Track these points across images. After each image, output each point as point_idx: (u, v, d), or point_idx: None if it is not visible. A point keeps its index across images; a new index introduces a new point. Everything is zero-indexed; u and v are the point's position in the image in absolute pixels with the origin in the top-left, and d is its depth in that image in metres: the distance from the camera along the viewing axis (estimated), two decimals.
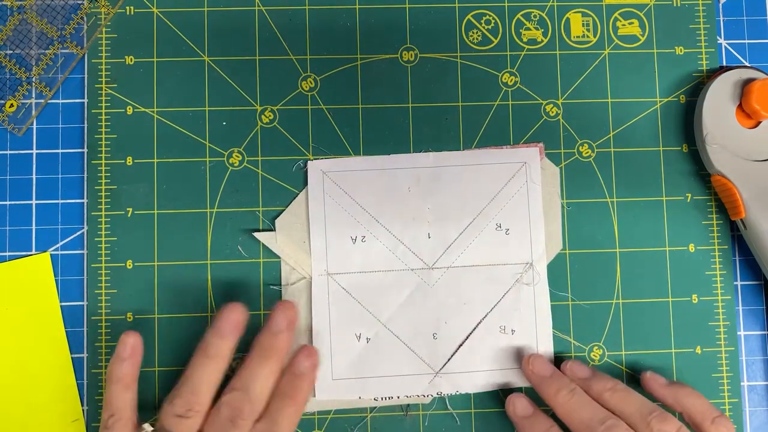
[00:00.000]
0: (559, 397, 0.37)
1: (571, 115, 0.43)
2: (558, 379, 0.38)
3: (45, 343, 0.40)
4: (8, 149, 0.41)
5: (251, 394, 0.36)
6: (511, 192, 0.42)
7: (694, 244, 0.42)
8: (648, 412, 0.36)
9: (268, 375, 0.37)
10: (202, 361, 0.37)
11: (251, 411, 0.36)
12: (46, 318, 0.40)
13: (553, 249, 0.42)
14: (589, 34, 0.43)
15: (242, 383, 0.37)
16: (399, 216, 0.41)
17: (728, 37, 0.44)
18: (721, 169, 0.41)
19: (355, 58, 0.42)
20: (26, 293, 0.40)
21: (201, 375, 0.36)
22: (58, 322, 0.40)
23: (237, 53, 0.42)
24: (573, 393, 0.37)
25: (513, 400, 0.39)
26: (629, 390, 0.38)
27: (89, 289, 0.40)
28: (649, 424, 0.36)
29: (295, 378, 0.38)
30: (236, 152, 0.41)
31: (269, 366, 0.37)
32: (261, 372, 0.37)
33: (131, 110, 0.41)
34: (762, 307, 0.43)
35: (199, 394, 0.36)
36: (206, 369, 0.37)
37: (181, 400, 0.36)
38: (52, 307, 0.40)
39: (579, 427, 0.36)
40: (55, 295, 0.40)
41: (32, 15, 0.42)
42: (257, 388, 0.36)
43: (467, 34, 0.43)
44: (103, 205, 0.41)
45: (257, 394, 0.36)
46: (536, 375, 0.39)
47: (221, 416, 0.36)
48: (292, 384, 0.37)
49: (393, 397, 0.40)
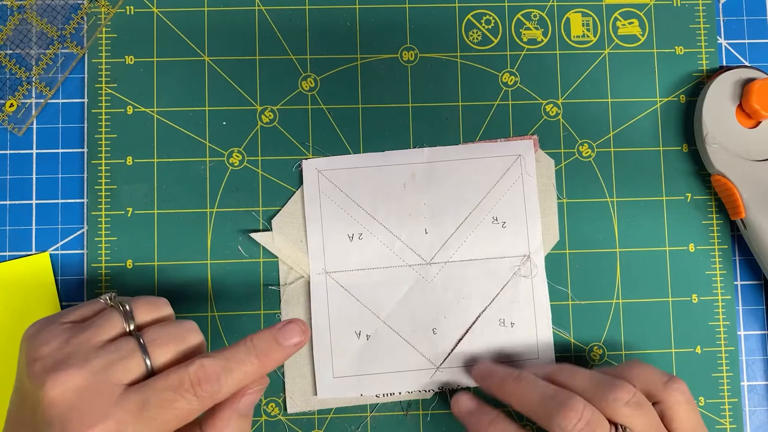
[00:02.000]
0: (507, 388, 0.37)
1: (571, 115, 0.43)
2: (501, 371, 0.38)
3: None
4: (8, 149, 0.41)
5: (220, 383, 0.31)
6: (507, 185, 0.42)
7: (694, 244, 0.42)
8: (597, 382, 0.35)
9: (243, 377, 0.32)
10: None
11: (209, 395, 0.31)
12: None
13: (551, 241, 0.42)
14: (589, 34, 0.43)
15: (215, 367, 0.31)
16: (395, 212, 0.41)
17: (728, 37, 0.44)
18: (721, 169, 0.41)
19: (355, 58, 0.42)
20: (26, 293, 0.40)
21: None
22: None
23: (237, 53, 0.42)
24: (518, 379, 0.36)
25: (456, 398, 0.39)
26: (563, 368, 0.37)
27: (89, 289, 0.40)
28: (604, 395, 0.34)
29: (276, 343, 0.33)
30: (236, 152, 0.41)
31: (251, 368, 0.32)
32: (241, 368, 0.32)
33: (131, 110, 0.41)
34: (762, 307, 0.43)
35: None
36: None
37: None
38: (52, 307, 0.40)
39: (534, 410, 0.35)
40: (55, 295, 0.40)
41: (32, 15, 0.42)
42: (228, 381, 0.31)
43: (467, 33, 0.43)
44: (103, 205, 0.41)
45: (224, 386, 0.31)
46: (482, 379, 0.39)
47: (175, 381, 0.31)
48: (268, 345, 0.33)
49: (394, 394, 0.40)
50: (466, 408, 0.38)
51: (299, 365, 0.40)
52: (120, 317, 0.33)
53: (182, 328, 0.33)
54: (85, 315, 0.34)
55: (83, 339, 0.32)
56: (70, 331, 0.32)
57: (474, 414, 0.38)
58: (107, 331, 0.33)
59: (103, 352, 0.32)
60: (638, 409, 0.34)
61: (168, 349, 0.32)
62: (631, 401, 0.34)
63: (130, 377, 0.31)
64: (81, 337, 0.32)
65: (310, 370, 0.40)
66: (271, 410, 0.40)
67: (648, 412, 0.34)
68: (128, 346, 0.32)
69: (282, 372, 0.40)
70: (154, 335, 0.33)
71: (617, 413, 0.34)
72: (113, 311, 0.33)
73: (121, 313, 0.33)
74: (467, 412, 0.38)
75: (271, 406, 0.40)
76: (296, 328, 0.34)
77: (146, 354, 0.32)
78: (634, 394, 0.34)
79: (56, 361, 0.31)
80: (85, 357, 0.31)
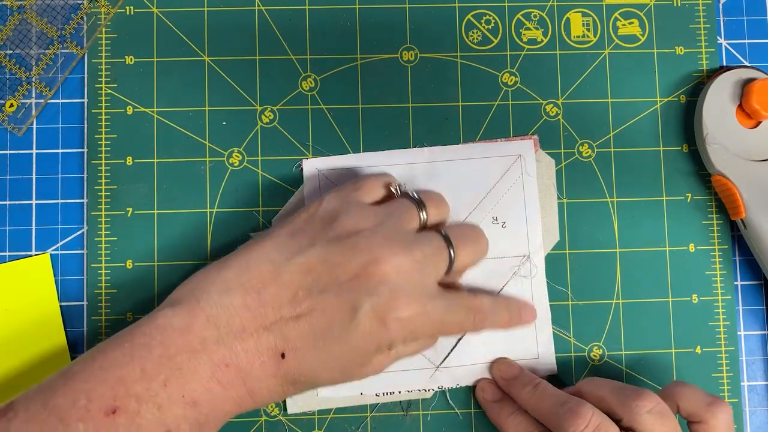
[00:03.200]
0: (524, 393, 0.38)
1: (571, 115, 0.43)
2: (523, 376, 0.39)
3: (45, 344, 0.40)
4: (8, 149, 0.41)
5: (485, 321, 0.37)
6: (507, 185, 0.42)
7: (694, 244, 0.42)
8: (621, 389, 0.36)
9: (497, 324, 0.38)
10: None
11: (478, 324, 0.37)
12: (46, 319, 0.40)
13: (551, 241, 0.42)
14: (589, 34, 0.43)
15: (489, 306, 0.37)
16: None
17: (728, 37, 0.44)
18: (721, 169, 0.41)
19: (355, 58, 0.42)
20: (26, 294, 0.40)
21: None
22: (58, 323, 0.40)
23: (237, 53, 0.42)
24: (537, 387, 0.38)
25: (483, 385, 0.40)
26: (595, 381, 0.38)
27: (89, 289, 0.40)
28: (626, 401, 0.35)
29: (518, 313, 0.39)
30: (236, 152, 0.41)
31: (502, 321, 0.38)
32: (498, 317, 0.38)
33: (131, 110, 0.41)
34: (762, 307, 0.43)
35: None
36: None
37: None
38: (52, 308, 0.40)
39: (547, 416, 0.36)
40: (55, 296, 0.40)
41: (32, 15, 0.42)
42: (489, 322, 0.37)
43: (467, 34, 0.43)
44: (103, 205, 0.41)
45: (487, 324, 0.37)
46: (503, 378, 0.40)
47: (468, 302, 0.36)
48: (516, 311, 0.39)
49: (394, 393, 0.40)
50: (491, 396, 0.40)
51: None
52: (416, 211, 0.36)
53: (476, 231, 0.38)
54: (375, 198, 0.37)
55: (395, 225, 0.35)
56: (377, 216, 0.35)
57: (498, 403, 0.39)
58: (410, 223, 0.36)
59: (417, 243, 0.35)
60: (660, 418, 0.34)
61: (467, 251, 0.37)
62: (654, 410, 0.34)
63: (440, 272, 0.35)
64: (392, 223, 0.35)
65: None
66: (271, 410, 0.40)
67: (669, 423, 0.34)
68: (438, 242, 0.35)
69: None
70: (457, 235, 0.36)
71: (638, 421, 0.34)
72: (408, 202, 0.36)
73: (416, 206, 0.36)
74: (492, 400, 0.39)
75: (271, 407, 0.40)
76: (533, 311, 0.40)
77: (452, 251, 0.36)
78: (658, 403, 0.34)
79: (382, 239, 0.34)
80: (404, 244, 0.34)
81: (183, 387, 0.31)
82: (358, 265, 0.33)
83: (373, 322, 0.33)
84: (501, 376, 0.40)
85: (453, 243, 0.36)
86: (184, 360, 0.32)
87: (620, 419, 0.35)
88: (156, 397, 0.31)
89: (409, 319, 0.33)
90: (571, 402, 0.35)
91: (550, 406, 0.36)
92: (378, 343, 0.33)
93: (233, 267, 0.34)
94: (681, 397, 0.36)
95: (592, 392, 0.37)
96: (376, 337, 0.33)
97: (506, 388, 0.39)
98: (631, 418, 0.34)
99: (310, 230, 0.35)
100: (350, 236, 0.34)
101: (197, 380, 0.32)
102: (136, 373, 0.31)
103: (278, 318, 0.33)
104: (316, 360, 0.33)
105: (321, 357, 0.33)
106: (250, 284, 0.33)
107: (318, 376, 0.34)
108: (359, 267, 0.33)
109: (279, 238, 0.35)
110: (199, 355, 0.32)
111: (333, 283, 0.33)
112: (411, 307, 0.33)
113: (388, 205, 0.36)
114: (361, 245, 0.34)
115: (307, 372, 0.33)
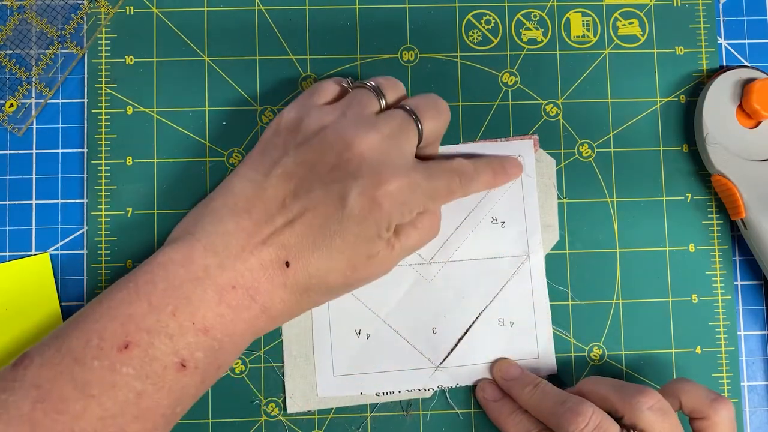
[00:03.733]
0: (525, 393, 0.38)
1: (571, 115, 0.43)
2: (524, 376, 0.39)
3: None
4: (8, 149, 0.41)
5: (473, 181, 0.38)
6: (506, 185, 0.42)
7: (694, 244, 0.42)
8: (621, 387, 0.36)
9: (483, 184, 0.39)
10: None
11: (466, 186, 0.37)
12: (45, 319, 0.40)
13: (551, 240, 0.42)
14: (589, 34, 0.43)
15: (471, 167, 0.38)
16: None
17: (728, 37, 0.44)
18: (721, 169, 0.41)
19: (355, 58, 0.42)
20: (26, 294, 0.40)
21: None
22: (58, 323, 0.40)
23: (237, 53, 0.42)
24: (537, 387, 0.38)
25: (483, 385, 0.40)
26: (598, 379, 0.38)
27: (89, 289, 0.40)
28: (627, 398, 0.35)
29: (502, 167, 0.40)
30: (236, 152, 0.41)
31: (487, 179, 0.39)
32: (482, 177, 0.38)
33: (131, 110, 0.41)
34: (762, 307, 0.43)
35: None
36: None
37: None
38: (51, 308, 0.40)
39: (547, 416, 0.36)
40: (56, 296, 0.40)
41: (32, 15, 0.42)
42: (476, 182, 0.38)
43: (467, 34, 0.43)
44: (103, 205, 0.41)
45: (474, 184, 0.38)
46: (503, 378, 0.40)
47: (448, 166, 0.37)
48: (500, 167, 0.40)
49: (394, 392, 0.40)
50: (491, 396, 0.40)
51: (299, 365, 0.40)
52: (374, 95, 0.36)
53: (437, 101, 0.37)
54: (332, 97, 0.37)
55: (357, 112, 0.35)
56: (337, 109, 0.36)
57: (497, 402, 0.39)
58: (371, 106, 0.36)
59: (383, 120, 0.35)
60: (661, 415, 0.34)
61: (432, 120, 0.36)
62: (655, 406, 0.34)
63: (412, 144, 0.36)
64: (354, 110, 0.35)
65: (310, 370, 0.40)
66: (271, 410, 0.40)
67: (670, 420, 0.34)
68: (402, 115, 0.36)
69: (282, 372, 0.40)
70: (418, 105, 0.36)
71: (638, 417, 0.34)
72: (364, 90, 0.36)
73: (373, 92, 0.36)
74: (492, 400, 0.39)
75: (271, 407, 0.40)
76: (517, 163, 0.41)
77: (419, 122, 0.36)
78: (659, 401, 0.34)
79: (349, 125, 0.34)
80: (371, 124, 0.35)
81: (192, 315, 0.32)
82: (334, 155, 0.34)
83: (365, 204, 0.33)
84: (501, 376, 0.40)
85: (417, 113, 0.36)
86: (189, 289, 0.32)
87: (621, 417, 0.35)
88: (166, 327, 0.32)
89: (398, 191, 0.34)
90: (572, 401, 0.35)
91: (551, 406, 0.36)
92: (376, 224, 0.34)
93: (218, 197, 0.35)
94: (683, 393, 0.36)
95: (592, 391, 0.37)
96: (372, 218, 0.33)
97: (507, 388, 0.39)
98: (632, 415, 0.34)
99: (279, 141, 0.36)
100: (317, 134, 0.35)
101: (206, 306, 0.32)
102: (144, 308, 0.32)
103: (273, 230, 0.33)
104: (320, 259, 0.33)
105: (324, 255, 0.33)
106: (238, 207, 0.34)
107: (327, 277, 0.34)
108: (335, 157, 0.34)
109: (252, 158, 0.36)
110: (203, 282, 0.32)
111: (315, 180, 0.34)
112: (396, 179, 0.34)
113: (346, 97, 0.37)
114: (330, 137, 0.34)
115: (315, 274, 0.34)
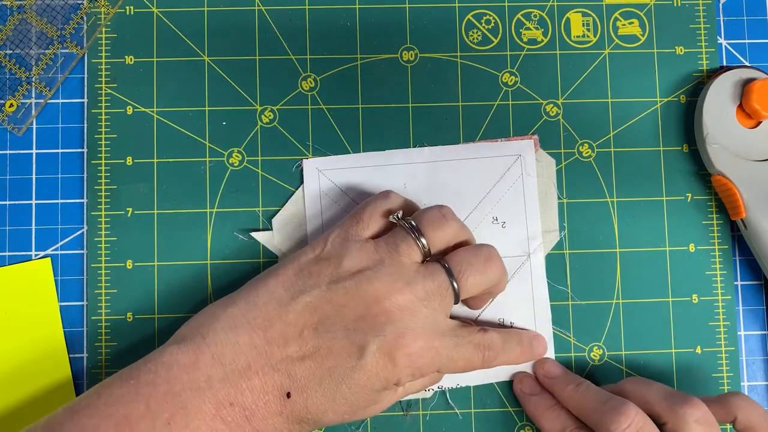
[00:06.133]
0: (567, 392, 0.38)
1: (571, 115, 0.43)
2: (567, 375, 0.39)
3: (44, 347, 0.40)
4: (8, 149, 0.41)
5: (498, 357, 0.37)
6: (507, 185, 0.42)
7: (694, 244, 0.42)
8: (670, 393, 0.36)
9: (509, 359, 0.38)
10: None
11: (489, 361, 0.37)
12: (45, 324, 0.40)
13: (551, 241, 0.42)
14: (589, 34, 0.43)
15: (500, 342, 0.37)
16: None
17: (728, 37, 0.44)
18: (721, 169, 0.41)
19: (355, 58, 0.42)
20: (26, 298, 0.40)
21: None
22: (58, 327, 0.40)
23: (237, 53, 0.42)
24: (580, 385, 0.38)
25: (522, 378, 0.40)
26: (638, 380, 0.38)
27: (89, 289, 0.40)
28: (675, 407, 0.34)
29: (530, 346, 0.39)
30: (236, 152, 0.41)
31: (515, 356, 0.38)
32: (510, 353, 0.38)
33: (131, 110, 0.41)
34: (762, 307, 0.43)
35: None
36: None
37: None
38: (51, 312, 0.40)
39: (589, 414, 0.36)
40: (56, 301, 0.40)
41: (32, 15, 0.42)
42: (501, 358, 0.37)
43: (467, 33, 0.43)
44: (103, 205, 0.41)
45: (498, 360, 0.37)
46: (546, 377, 0.40)
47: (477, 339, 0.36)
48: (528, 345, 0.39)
49: None
50: (529, 389, 0.40)
51: None
52: (416, 245, 0.35)
53: (482, 256, 0.36)
54: (375, 230, 0.37)
55: (397, 261, 0.35)
56: (377, 253, 0.35)
57: (535, 396, 0.39)
58: (411, 255, 0.35)
59: (419, 279, 0.34)
60: (708, 428, 0.34)
61: (472, 282, 0.35)
62: (702, 419, 0.34)
63: (445, 307, 0.35)
64: (393, 259, 0.35)
65: None
66: None
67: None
68: (441, 279, 0.35)
69: None
70: (459, 265, 0.35)
71: (684, 428, 0.34)
72: (409, 238, 0.35)
73: (415, 242, 0.35)
74: (530, 393, 0.40)
75: None
76: (544, 343, 0.40)
77: (456, 285, 0.35)
78: (706, 413, 0.34)
79: (384, 278, 0.34)
80: (407, 282, 0.34)
81: (187, 425, 0.31)
82: (363, 306, 0.33)
83: (380, 360, 0.33)
84: (544, 374, 0.40)
85: (455, 275, 0.35)
86: (188, 398, 0.31)
87: (664, 423, 0.34)
88: None
89: (417, 356, 0.33)
90: (615, 400, 0.35)
91: (593, 404, 0.36)
92: (386, 380, 0.33)
93: (239, 304, 0.34)
94: (740, 410, 0.35)
95: (636, 392, 0.36)
96: (383, 374, 0.33)
97: (549, 385, 0.39)
98: (676, 424, 0.34)
99: (315, 270, 0.35)
100: (353, 277, 0.34)
101: (201, 418, 0.31)
102: (141, 410, 0.31)
103: (284, 356, 0.33)
104: (322, 399, 0.33)
105: (328, 396, 0.33)
106: (256, 322, 0.33)
107: (324, 415, 0.33)
108: (364, 308, 0.33)
109: (285, 276, 0.35)
110: (203, 393, 0.32)
111: (339, 323, 0.33)
112: (418, 343, 0.33)
113: (387, 238, 0.36)
114: (364, 286, 0.34)
115: (314, 411, 0.33)
